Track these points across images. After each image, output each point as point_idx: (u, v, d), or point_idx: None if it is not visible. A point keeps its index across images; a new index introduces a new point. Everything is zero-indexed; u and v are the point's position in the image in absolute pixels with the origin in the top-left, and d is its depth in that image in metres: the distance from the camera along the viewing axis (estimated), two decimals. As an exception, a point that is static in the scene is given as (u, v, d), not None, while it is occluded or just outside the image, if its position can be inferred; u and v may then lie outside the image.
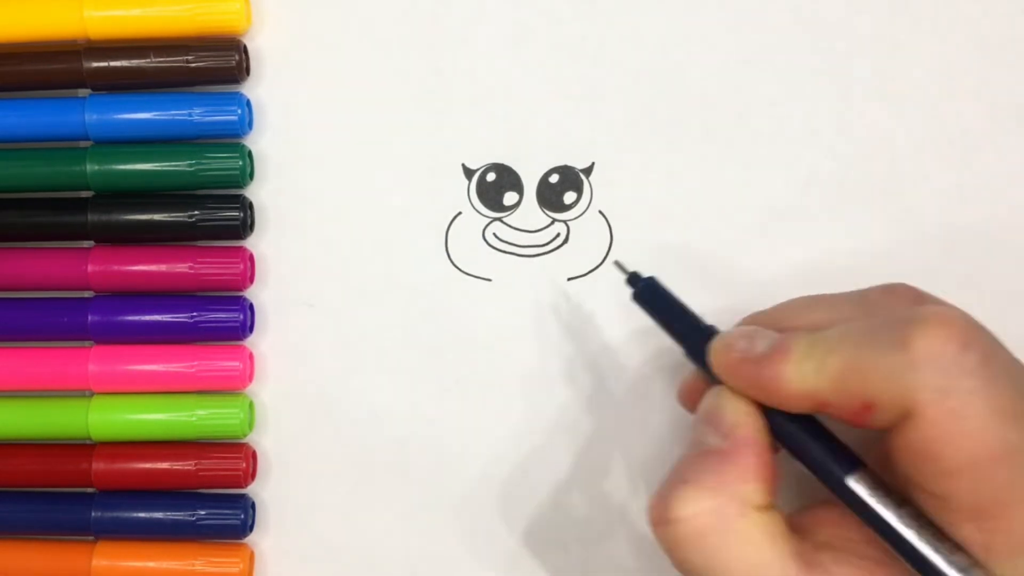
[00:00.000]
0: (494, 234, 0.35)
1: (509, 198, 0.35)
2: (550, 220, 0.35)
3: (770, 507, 0.26)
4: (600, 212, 0.35)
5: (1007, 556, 0.24)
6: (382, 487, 0.36)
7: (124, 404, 0.35)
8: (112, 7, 0.34)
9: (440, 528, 0.36)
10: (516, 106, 0.35)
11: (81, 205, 0.35)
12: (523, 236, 0.35)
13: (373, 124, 0.36)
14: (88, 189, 0.35)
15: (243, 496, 0.36)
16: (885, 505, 0.25)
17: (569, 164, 0.35)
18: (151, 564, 0.35)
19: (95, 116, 0.34)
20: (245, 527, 0.35)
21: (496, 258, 0.35)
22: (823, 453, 0.27)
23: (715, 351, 0.28)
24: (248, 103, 0.35)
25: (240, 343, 0.36)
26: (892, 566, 0.26)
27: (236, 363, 0.35)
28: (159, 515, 0.35)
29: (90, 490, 0.36)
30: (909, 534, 0.25)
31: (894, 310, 0.28)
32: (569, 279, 0.35)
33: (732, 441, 0.27)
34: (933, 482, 0.24)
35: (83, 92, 0.35)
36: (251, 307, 0.36)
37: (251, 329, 0.36)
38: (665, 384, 0.35)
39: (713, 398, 0.28)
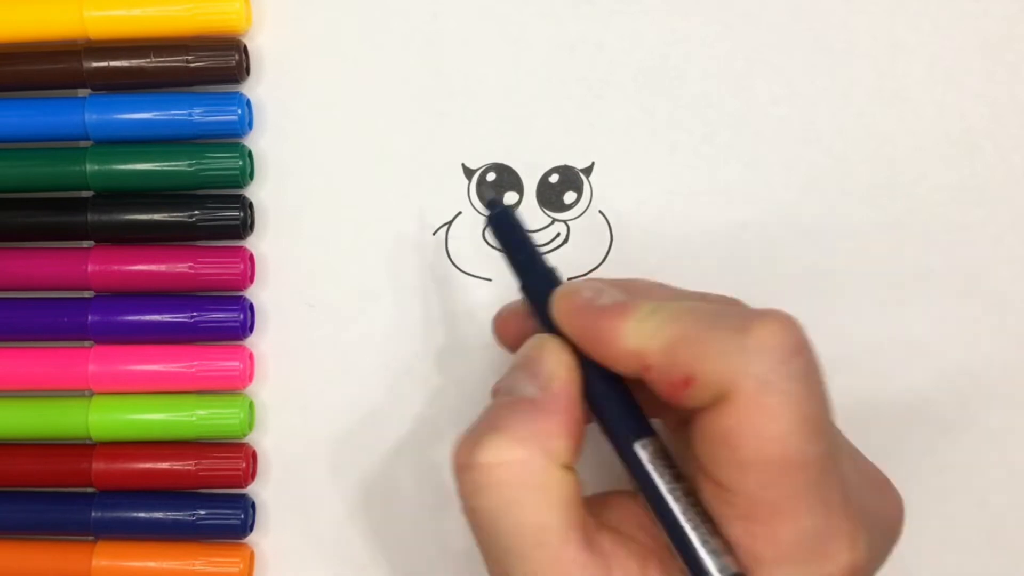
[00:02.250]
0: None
1: (509, 198, 0.35)
2: (550, 220, 0.35)
3: (571, 469, 0.26)
4: (600, 212, 0.35)
5: (770, 563, 0.24)
6: (382, 487, 0.36)
7: (124, 404, 0.35)
8: (112, 7, 0.34)
9: (440, 528, 0.36)
10: (516, 106, 0.35)
11: (81, 205, 0.35)
12: (523, 236, 0.35)
13: (373, 124, 0.36)
14: (88, 189, 0.35)
15: (243, 496, 0.36)
16: (661, 474, 0.25)
17: (569, 164, 0.35)
18: (151, 564, 0.35)
19: (95, 116, 0.34)
20: (245, 527, 0.35)
21: (496, 258, 0.35)
22: (622, 415, 0.26)
23: (560, 295, 0.28)
24: (248, 103, 0.35)
25: (240, 343, 0.36)
26: (666, 559, 0.25)
27: (236, 363, 0.35)
28: (159, 515, 0.35)
29: (90, 490, 0.36)
30: (676, 508, 0.25)
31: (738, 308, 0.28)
32: (569, 279, 0.35)
33: (548, 392, 0.26)
34: (724, 470, 0.24)
35: (83, 92, 0.35)
36: (251, 307, 0.36)
37: (251, 329, 0.36)
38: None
39: (534, 346, 0.28)
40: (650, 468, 0.25)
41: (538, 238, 0.35)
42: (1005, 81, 0.34)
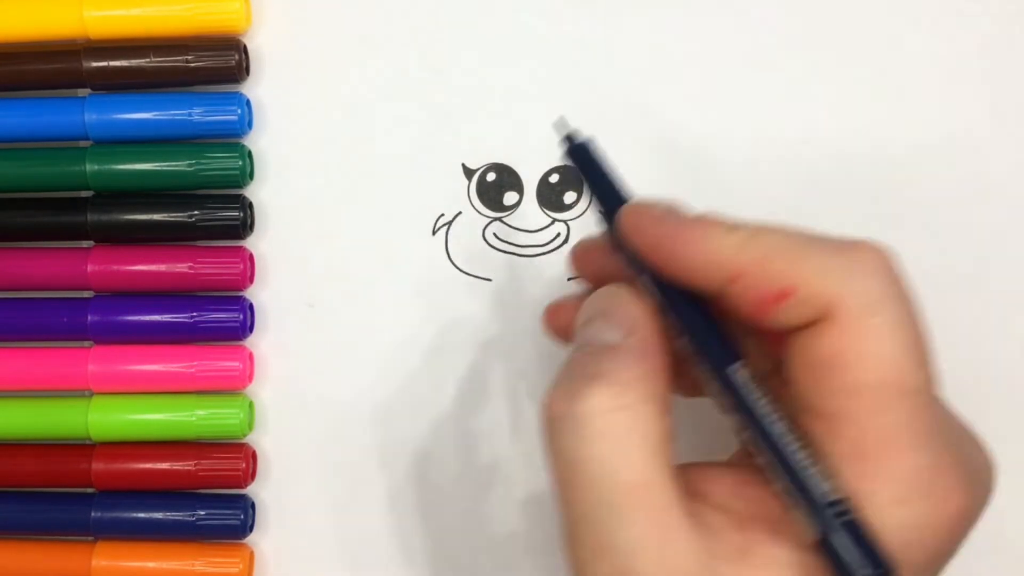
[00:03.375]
0: (494, 234, 0.35)
1: (509, 198, 0.35)
2: (550, 220, 0.35)
3: (669, 415, 0.24)
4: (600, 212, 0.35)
5: (884, 504, 0.22)
6: (382, 487, 0.36)
7: (124, 404, 0.35)
8: (112, 7, 0.34)
9: (439, 528, 0.36)
10: (516, 106, 0.35)
11: (81, 205, 0.35)
12: (523, 236, 0.35)
13: (373, 124, 0.36)
14: (88, 189, 0.35)
15: (243, 496, 0.36)
16: (760, 396, 0.23)
17: (569, 164, 0.35)
18: (151, 564, 0.35)
19: (95, 116, 0.34)
20: (245, 527, 0.35)
21: (496, 258, 0.35)
22: (715, 338, 0.24)
23: (631, 209, 0.26)
24: (248, 103, 0.35)
25: (240, 343, 0.36)
26: (766, 524, 0.23)
27: (236, 363, 0.35)
28: (159, 515, 0.35)
29: (90, 490, 0.36)
30: (779, 428, 0.23)
31: None
32: (569, 279, 0.35)
33: (637, 338, 0.24)
34: (830, 398, 0.23)
35: (83, 92, 0.35)
36: (251, 307, 0.36)
37: (251, 329, 0.36)
38: (665, 384, 0.35)
39: (609, 294, 0.26)
40: (749, 390, 0.24)
41: (538, 238, 0.35)
42: (1005, 81, 0.34)
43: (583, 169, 0.28)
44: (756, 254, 0.23)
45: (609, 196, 0.27)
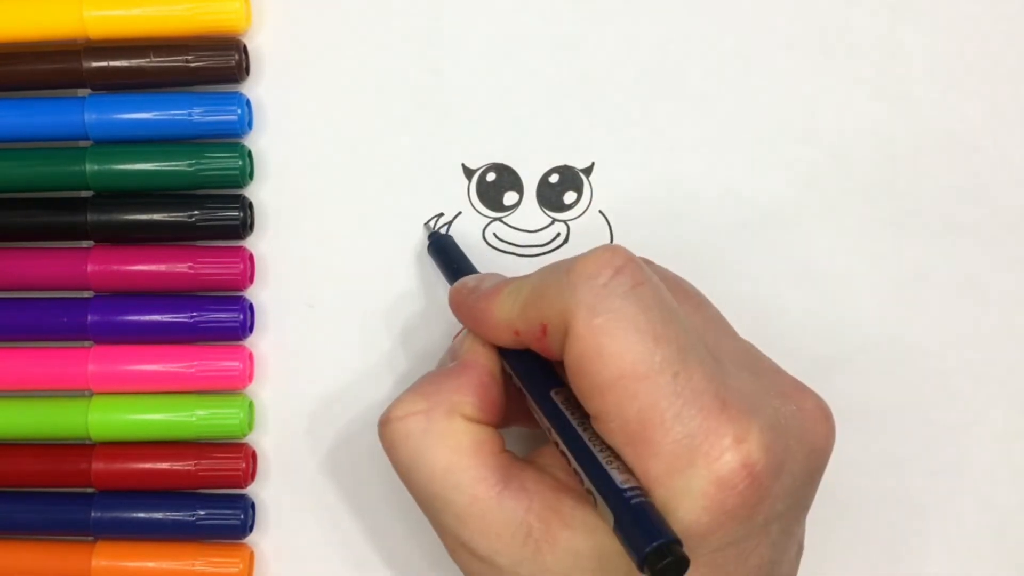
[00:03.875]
0: (494, 234, 0.35)
1: (509, 198, 0.35)
2: (550, 220, 0.35)
3: (482, 421, 0.28)
4: (600, 212, 0.35)
5: (663, 479, 0.25)
6: (382, 487, 0.36)
7: (124, 404, 0.35)
8: (112, 7, 0.34)
9: (440, 528, 0.36)
10: (516, 106, 0.35)
11: (81, 205, 0.35)
12: (523, 236, 0.35)
13: (373, 124, 0.36)
14: (88, 189, 0.35)
15: (243, 496, 0.36)
16: (572, 413, 0.27)
17: (569, 164, 0.35)
18: (151, 564, 0.35)
19: (95, 116, 0.34)
20: (245, 527, 0.35)
21: (496, 258, 0.35)
22: (535, 372, 0.29)
23: (451, 292, 0.31)
24: (248, 103, 0.35)
25: (240, 343, 0.36)
26: (576, 490, 0.27)
27: (236, 363, 0.35)
28: (159, 515, 0.35)
29: (90, 490, 0.36)
30: (584, 436, 0.26)
31: None
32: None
33: (458, 363, 0.30)
34: (589, 399, 0.26)
35: (83, 92, 0.35)
36: (251, 307, 0.36)
37: (251, 329, 0.36)
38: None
39: (460, 336, 0.31)
40: (562, 408, 0.27)
41: (538, 238, 0.35)
42: (1005, 81, 0.34)
43: (439, 257, 0.34)
44: (520, 308, 0.28)
45: (455, 276, 0.32)
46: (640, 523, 0.24)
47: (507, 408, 0.30)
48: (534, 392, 0.29)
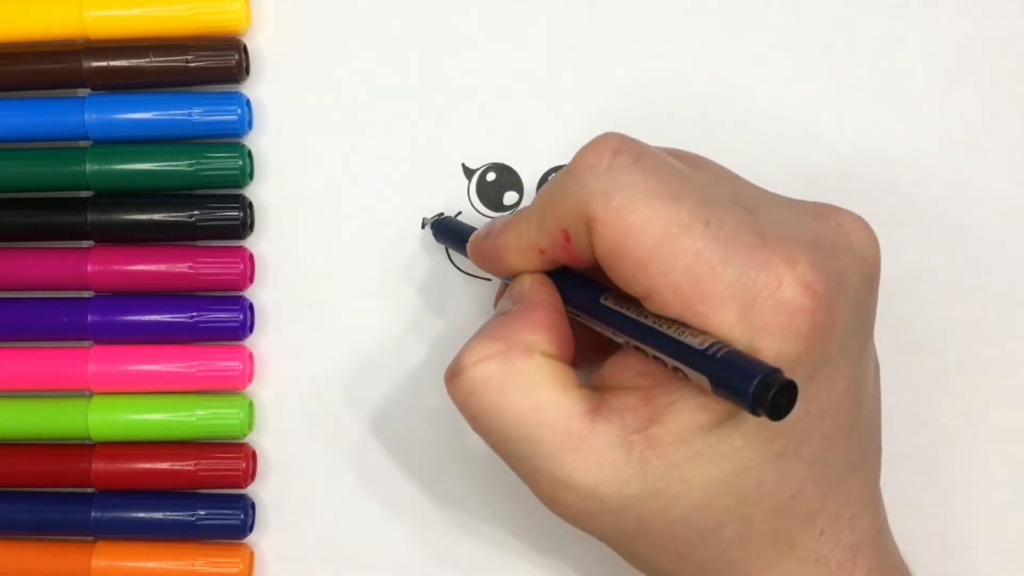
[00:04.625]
0: (494, 234, 0.35)
1: (509, 198, 0.35)
2: (550, 220, 0.35)
3: (558, 358, 0.27)
4: (600, 212, 0.35)
5: (734, 325, 0.24)
6: (382, 487, 0.36)
7: (124, 404, 0.35)
8: (112, 7, 0.34)
9: (440, 528, 0.36)
10: (516, 106, 0.35)
11: (81, 205, 0.35)
12: (523, 236, 0.35)
13: (373, 124, 0.36)
14: (88, 189, 0.35)
15: (243, 496, 0.36)
16: (627, 308, 0.27)
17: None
18: (151, 564, 0.35)
19: (95, 116, 0.34)
20: (245, 527, 0.35)
21: (496, 258, 0.35)
22: (579, 285, 0.29)
23: (468, 246, 0.31)
24: (248, 103, 0.35)
25: (240, 343, 0.36)
26: (664, 386, 0.26)
27: (236, 363, 0.35)
28: (159, 515, 0.35)
29: (90, 490, 0.36)
30: (648, 321, 0.26)
31: None
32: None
33: (521, 303, 0.29)
34: (635, 280, 0.25)
35: (83, 92, 0.35)
36: (251, 307, 0.36)
37: (251, 329, 0.36)
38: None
39: (515, 280, 0.30)
40: (618, 308, 0.27)
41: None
42: (1005, 81, 0.34)
43: (447, 236, 0.34)
44: (536, 228, 0.28)
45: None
46: (734, 369, 0.23)
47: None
48: (587, 306, 0.28)
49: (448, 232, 0.34)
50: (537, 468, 0.27)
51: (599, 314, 0.28)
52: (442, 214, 0.35)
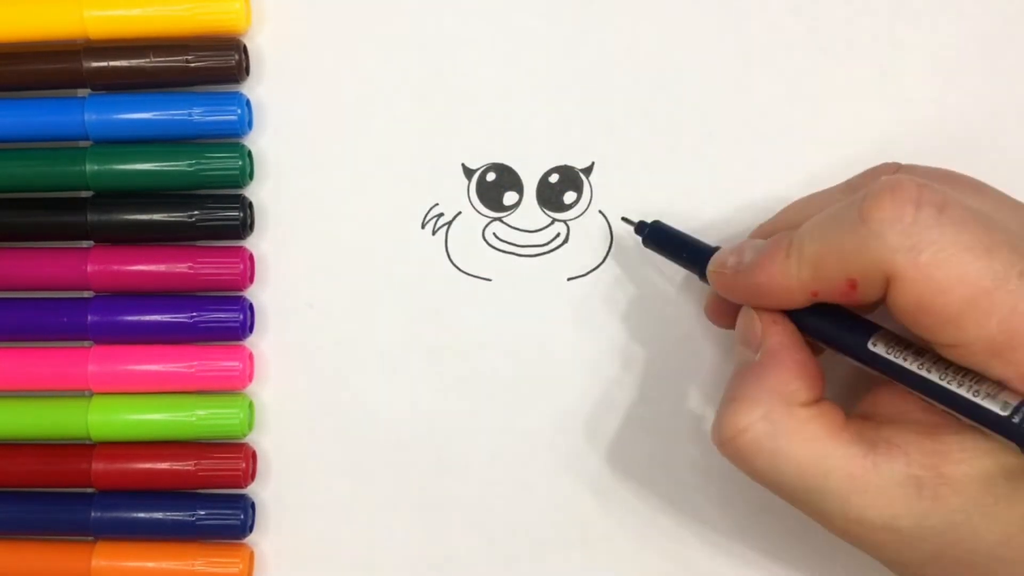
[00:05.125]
0: (494, 234, 0.35)
1: (509, 198, 0.35)
2: (550, 220, 0.35)
3: (818, 401, 0.28)
4: (600, 212, 0.35)
5: None
6: (382, 487, 0.36)
7: (124, 404, 0.35)
8: (112, 7, 0.34)
9: (440, 528, 0.36)
10: (516, 106, 0.35)
11: (81, 205, 0.35)
12: (523, 236, 0.35)
13: (373, 124, 0.35)
14: (88, 189, 0.35)
15: (243, 496, 0.36)
16: (903, 357, 0.27)
17: (569, 164, 0.35)
18: (151, 564, 0.35)
19: (95, 116, 0.34)
20: (245, 527, 0.35)
21: (496, 258, 0.35)
22: (842, 328, 0.28)
23: (711, 275, 0.30)
24: (248, 103, 0.35)
25: (240, 343, 0.36)
26: (948, 423, 0.26)
27: (236, 363, 0.35)
28: (159, 515, 0.35)
29: (90, 490, 0.36)
30: (933, 376, 0.26)
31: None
32: (569, 279, 0.35)
33: (764, 351, 0.28)
34: (943, 334, 0.25)
35: (83, 92, 0.35)
36: (251, 307, 0.36)
37: (251, 329, 0.36)
38: (665, 386, 0.35)
39: (742, 318, 0.30)
40: (891, 357, 0.27)
41: (538, 238, 0.35)
42: (1005, 81, 0.34)
43: (663, 249, 0.33)
44: (812, 270, 0.27)
45: (695, 260, 0.32)
46: None
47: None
48: (855, 351, 0.28)
49: (666, 242, 0.33)
50: (827, 511, 0.27)
51: (870, 362, 0.27)
52: (658, 221, 0.33)
